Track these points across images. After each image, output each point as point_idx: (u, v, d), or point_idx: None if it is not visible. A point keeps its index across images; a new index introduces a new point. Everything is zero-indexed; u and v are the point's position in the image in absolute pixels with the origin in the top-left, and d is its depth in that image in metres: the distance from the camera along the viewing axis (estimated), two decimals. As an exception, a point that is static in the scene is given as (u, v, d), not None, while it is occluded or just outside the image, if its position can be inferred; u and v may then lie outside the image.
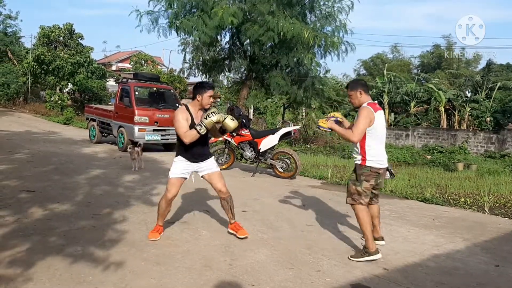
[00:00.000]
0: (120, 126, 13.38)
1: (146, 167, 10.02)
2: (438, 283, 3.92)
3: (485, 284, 3.94)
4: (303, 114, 25.03)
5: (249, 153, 9.96)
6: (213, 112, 4.58)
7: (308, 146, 17.86)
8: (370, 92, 4.92)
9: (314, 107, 22.92)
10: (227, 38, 16.13)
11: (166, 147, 14.12)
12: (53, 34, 26.81)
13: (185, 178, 4.95)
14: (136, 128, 12.67)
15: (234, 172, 10.12)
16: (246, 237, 4.95)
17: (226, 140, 10.18)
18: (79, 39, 28.07)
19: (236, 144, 10.16)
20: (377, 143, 4.51)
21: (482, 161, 15.08)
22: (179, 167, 4.88)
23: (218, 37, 15.52)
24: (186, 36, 14.98)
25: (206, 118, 4.55)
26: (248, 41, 14.50)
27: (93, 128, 15.31)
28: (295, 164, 9.58)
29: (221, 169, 5.32)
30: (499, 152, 17.62)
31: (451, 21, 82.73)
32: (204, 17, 13.24)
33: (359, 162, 4.52)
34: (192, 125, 4.68)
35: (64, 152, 12.15)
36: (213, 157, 5.13)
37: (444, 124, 21.28)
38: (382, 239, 4.94)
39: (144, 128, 12.78)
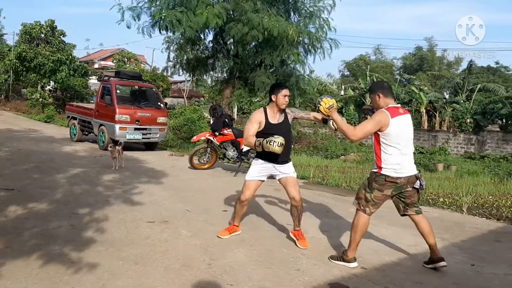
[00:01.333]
0: (101, 125, 13.24)
1: (127, 166, 9.93)
2: (416, 282, 3.97)
3: (461, 284, 4.00)
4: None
5: (231, 152, 9.95)
6: (277, 142, 4.40)
7: (292, 146, 17.90)
8: (351, 93, 4.87)
9: (298, 107, 22.98)
10: (211, 37, 16.09)
11: (148, 146, 14.01)
12: (34, 31, 26.43)
13: (262, 181, 4.93)
14: (117, 126, 12.55)
15: (216, 172, 10.09)
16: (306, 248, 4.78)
17: (209, 139, 10.15)
18: (61, 36, 27.72)
19: (218, 144, 10.13)
20: (395, 150, 4.10)
21: (462, 162, 15.31)
22: (256, 169, 4.84)
23: (202, 35, 15.47)
24: (169, 32, 14.85)
25: (268, 143, 4.41)
26: (232, 40, 14.48)
27: (74, 127, 15.11)
28: (277, 164, 9.58)
29: (203, 169, 5.33)
30: (478, 153, 17.92)
31: (434, 23, 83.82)
32: (189, 13, 13.17)
33: (375, 170, 4.22)
34: (268, 127, 4.66)
35: (44, 150, 11.99)
36: (291, 162, 5.02)
37: (425, 125, 21.56)
38: (442, 259, 4.28)
39: (125, 126, 12.66)
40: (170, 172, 9.50)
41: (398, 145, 4.11)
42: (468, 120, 19.37)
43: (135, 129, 12.91)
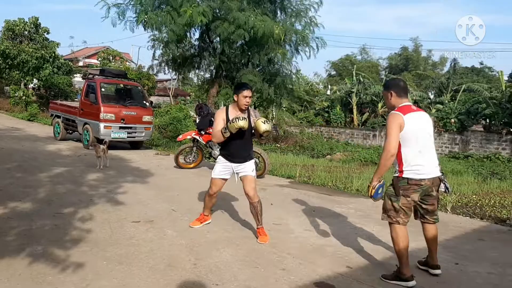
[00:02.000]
0: (86, 123, 13.10)
1: (112, 165, 9.84)
2: (400, 280, 3.99)
3: (445, 282, 4.03)
4: (273, 113, 25.11)
5: (217, 151, 9.88)
6: (238, 118, 4.64)
7: (278, 145, 17.92)
8: (338, 94, 4.84)
9: (284, 106, 23.02)
10: (197, 35, 16.03)
11: (133, 145, 13.90)
12: (18, 27, 26.01)
13: (226, 179, 5.20)
14: (101, 125, 12.42)
15: (202, 171, 10.05)
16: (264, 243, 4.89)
17: (194, 138, 10.10)
18: (45, 34, 27.32)
19: (204, 143, 10.09)
20: (413, 150, 3.88)
21: (447, 162, 15.46)
22: (220, 168, 5.13)
23: (188, 34, 15.39)
24: (154, 32, 14.76)
25: (231, 122, 4.67)
26: (218, 38, 14.45)
27: (58, 125, 14.93)
28: (263, 163, 9.59)
29: (188, 168, 5.35)
30: (462, 153, 18.12)
31: (419, 24, 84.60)
32: (173, 13, 13.10)
33: (396, 175, 3.96)
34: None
35: (27, 149, 11.82)
36: (253, 160, 5.21)
37: (410, 125, 21.72)
38: (438, 267, 4.18)
39: (110, 125, 12.54)
40: (156, 171, 9.43)
41: (416, 145, 3.88)
42: (453, 120, 19.58)
43: (120, 127, 12.80)
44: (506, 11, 77.36)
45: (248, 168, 5.05)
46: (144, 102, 13.85)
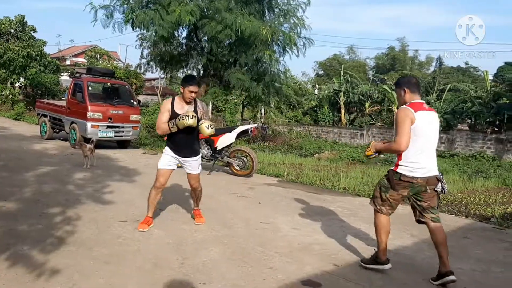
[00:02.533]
0: (73, 122, 13.01)
1: (99, 164, 9.78)
2: (386, 278, 4.04)
3: (430, 279, 4.08)
4: (262, 112, 25.15)
5: (205, 150, 9.90)
6: (188, 116, 4.71)
7: (266, 144, 17.94)
8: (326, 93, 4.93)
9: (272, 105, 23.07)
10: (185, 34, 16.00)
11: (120, 144, 13.82)
12: (4, 26, 25.71)
13: (173, 169, 5.18)
14: (89, 124, 12.33)
15: (190, 170, 10.02)
16: (201, 225, 5.37)
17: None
18: (31, 32, 27.03)
19: (192, 142, 10.06)
20: (416, 147, 3.91)
21: (432, 160, 15.59)
22: (166, 158, 5.10)
23: (176, 33, 15.37)
24: (142, 31, 14.72)
25: (180, 119, 4.72)
26: (206, 37, 14.44)
27: (44, 124, 14.80)
28: (251, 162, 9.60)
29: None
30: (448, 152, 18.31)
31: (406, 24, 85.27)
32: (162, 11, 13.06)
33: (392, 168, 4.07)
34: (173, 117, 4.86)
35: (13, 148, 11.70)
36: (199, 156, 5.31)
37: (398, 124, 21.89)
38: (452, 273, 3.93)
39: (97, 124, 12.46)
40: (143, 171, 9.39)
41: (420, 143, 3.92)
42: (439, 119, 19.79)
43: (108, 127, 12.72)
44: (491, 11, 78.37)
45: (194, 166, 5.21)
46: (132, 101, 13.78)
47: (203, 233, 5.12)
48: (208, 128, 4.95)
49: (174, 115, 4.88)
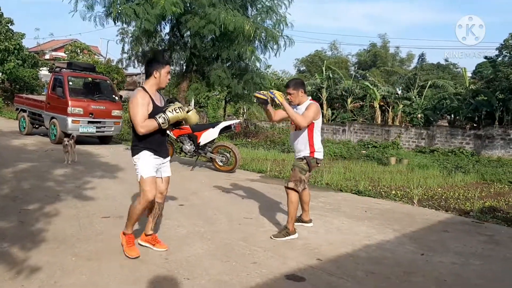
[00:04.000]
0: (53, 118, 12.80)
1: (80, 160, 9.66)
2: (368, 272, 4.08)
3: (411, 273, 4.14)
4: (244, 108, 25.14)
5: (188, 146, 9.86)
6: (179, 107, 4.00)
7: (249, 140, 17.95)
8: (309, 88, 5.24)
9: (254, 101, 23.03)
10: (167, 29, 15.88)
11: (102, 140, 13.68)
12: (-22, 18, 25.12)
13: (160, 177, 4.26)
14: (69, 119, 12.17)
15: (173, 166, 9.89)
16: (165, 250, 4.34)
17: (165, 133, 10.00)
18: (8, 25, 26.43)
19: (175, 137, 10.02)
20: (319, 136, 5.05)
21: (413, 156, 15.83)
22: (149, 164, 4.04)
23: (159, 27, 15.24)
24: (125, 25, 14.54)
25: (171, 112, 3.93)
26: (188, 33, 14.34)
27: (23, 119, 14.56)
28: (234, 158, 9.60)
29: None
30: (428, 147, 18.58)
31: (388, 21, 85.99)
32: (146, 5, 12.94)
33: (307, 154, 4.96)
34: (155, 112, 3.94)
35: (-10, 144, 11.47)
36: (169, 156, 4.43)
37: (379, 120, 22.14)
38: (311, 221, 5.57)
39: (78, 119, 12.31)
40: (125, 166, 9.30)
41: (320, 133, 5.06)
42: (419, 115, 20.04)
43: (89, 122, 12.57)
44: (474, 10, 79.60)
45: (168, 166, 4.34)
46: (113, 96, 13.63)
47: (186, 229, 5.10)
48: (196, 114, 4.27)
49: (157, 110, 3.96)
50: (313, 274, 3.96)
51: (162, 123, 3.91)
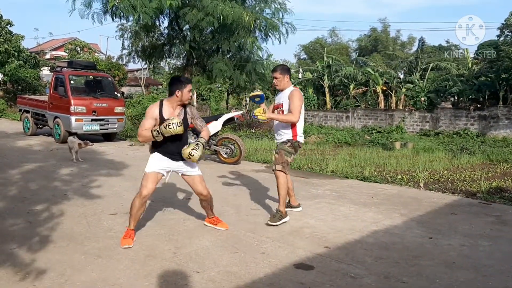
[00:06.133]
0: (56, 117, 12.84)
1: (85, 158, 9.69)
2: (377, 258, 4.08)
3: (420, 257, 4.14)
4: (247, 99, 25.11)
5: (192, 140, 9.85)
6: (174, 123, 4.14)
7: (253, 131, 17.95)
8: (311, 76, 5.25)
9: (259, 90, 23.00)
10: (166, 23, 15.81)
11: (106, 137, 13.72)
12: (-23, 21, 25.14)
13: (163, 175, 4.56)
14: (73, 118, 12.20)
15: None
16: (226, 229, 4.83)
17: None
18: (8, 26, 26.44)
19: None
20: (302, 121, 5.22)
21: (418, 139, 15.79)
22: (155, 161, 4.48)
23: (157, 22, 15.17)
24: (123, 20, 14.47)
25: (166, 127, 4.13)
26: (187, 26, 14.27)
27: (27, 120, 14.61)
28: (239, 150, 9.60)
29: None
30: (433, 130, 18.53)
31: (387, 5, 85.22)
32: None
33: (290, 138, 5.13)
34: (161, 124, 4.25)
35: (-5, 146, 11.52)
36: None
37: (382, 105, 22.05)
38: (299, 206, 5.76)
39: (82, 118, 12.34)
40: (130, 163, 9.34)
41: (302, 117, 5.16)
42: (423, 99, 19.94)
43: (92, 120, 12.60)
44: (470, -11, 78.67)
45: (191, 165, 4.60)
46: (115, 93, 13.64)
47: (194, 222, 5.12)
48: (191, 155, 4.31)
49: (162, 122, 4.28)
50: (322, 262, 3.97)
51: (156, 136, 4.25)
